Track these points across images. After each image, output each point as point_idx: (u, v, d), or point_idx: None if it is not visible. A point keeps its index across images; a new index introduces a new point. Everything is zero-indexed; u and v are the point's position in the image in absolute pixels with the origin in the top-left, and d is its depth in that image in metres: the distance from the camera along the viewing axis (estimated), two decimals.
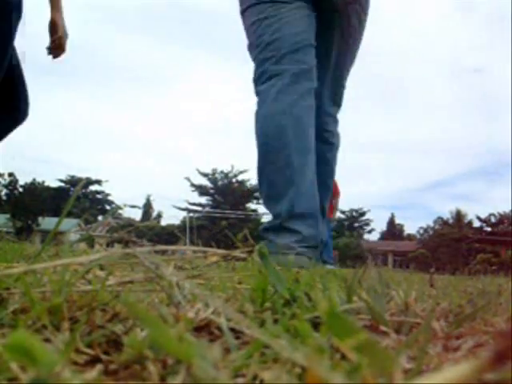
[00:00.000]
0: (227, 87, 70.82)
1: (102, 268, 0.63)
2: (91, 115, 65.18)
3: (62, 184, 41.47)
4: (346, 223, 40.76)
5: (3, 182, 27.95)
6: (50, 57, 2.43)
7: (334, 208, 6.50)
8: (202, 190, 36.22)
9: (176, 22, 71.44)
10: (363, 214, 41.19)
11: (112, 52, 70.60)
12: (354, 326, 0.27)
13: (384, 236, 46.52)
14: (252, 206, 37.04)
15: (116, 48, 70.60)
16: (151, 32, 69.42)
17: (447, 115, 70.81)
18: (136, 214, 48.55)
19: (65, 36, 2.43)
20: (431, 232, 37.35)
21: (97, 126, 67.45)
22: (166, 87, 72.18)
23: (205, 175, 35.35)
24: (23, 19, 2.23)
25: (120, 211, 44.08)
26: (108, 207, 44.17)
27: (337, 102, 2.67)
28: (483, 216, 32.34)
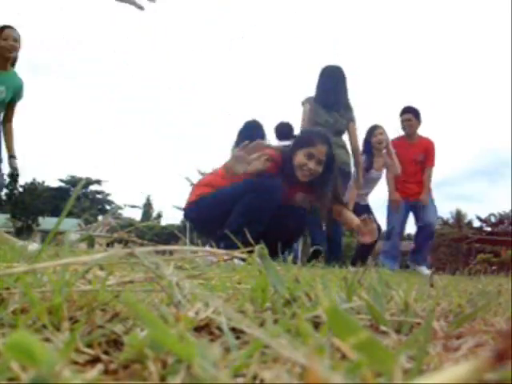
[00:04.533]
0: (226, 87, 70.80)
1: (102, 268, 0.63)
2: (91, 115, 65.15)
3: (62, 184, 41.47)
4: None
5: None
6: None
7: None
8: None
9: None
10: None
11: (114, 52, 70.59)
12: (355, 324, 0.27)
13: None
14: None
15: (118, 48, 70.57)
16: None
17: (447, 114, 70.83)
18: (136, 214, 48.60)
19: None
20: None
21: (97, 126, 67.39)
22: (167, 87, 72.15)
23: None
24: None
25: (120, 211, 44.10)
26: (108, 207, 44.16)
27: None
28: (483, 216, 32.33)
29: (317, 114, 4.17)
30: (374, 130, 4.78)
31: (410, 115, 4.97)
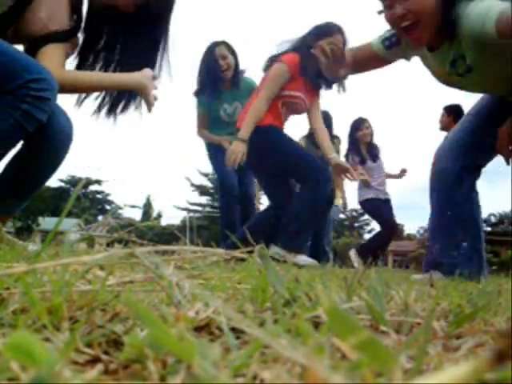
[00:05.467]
0: None
1: (102, 268, 0.63)
2: (91, 114, 65.07)
3: (62, 184, 41.46)
4: (346, 223, 40.78)
5: None
6: None
7: None
8: (202, 190, 36.20)
9: None
10: (363, 213, 41.15)
11: None
12: (355, 324, 0.27)
13: None
14: None
15: None
16: None
17: None
18: (136, 214, 48.66)
19: None
20: None
21: (96, 126, 67.43)
22: (167, 87, 72.13)
23: (205, 175, 35.29)
24: None
25: (120, 211, 44.09)
26: (108, 207, 44.14)
27: None
28: (483, 216, 32.32)
29: (310, 150, 4.62)
30: (360, 124, 4.91)
31: (443, 112, 5.03)
